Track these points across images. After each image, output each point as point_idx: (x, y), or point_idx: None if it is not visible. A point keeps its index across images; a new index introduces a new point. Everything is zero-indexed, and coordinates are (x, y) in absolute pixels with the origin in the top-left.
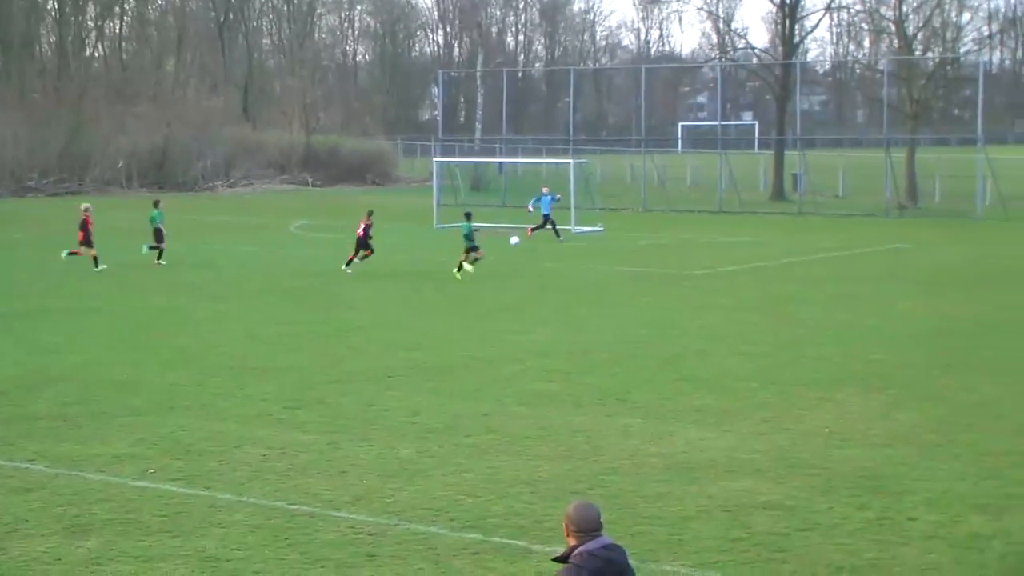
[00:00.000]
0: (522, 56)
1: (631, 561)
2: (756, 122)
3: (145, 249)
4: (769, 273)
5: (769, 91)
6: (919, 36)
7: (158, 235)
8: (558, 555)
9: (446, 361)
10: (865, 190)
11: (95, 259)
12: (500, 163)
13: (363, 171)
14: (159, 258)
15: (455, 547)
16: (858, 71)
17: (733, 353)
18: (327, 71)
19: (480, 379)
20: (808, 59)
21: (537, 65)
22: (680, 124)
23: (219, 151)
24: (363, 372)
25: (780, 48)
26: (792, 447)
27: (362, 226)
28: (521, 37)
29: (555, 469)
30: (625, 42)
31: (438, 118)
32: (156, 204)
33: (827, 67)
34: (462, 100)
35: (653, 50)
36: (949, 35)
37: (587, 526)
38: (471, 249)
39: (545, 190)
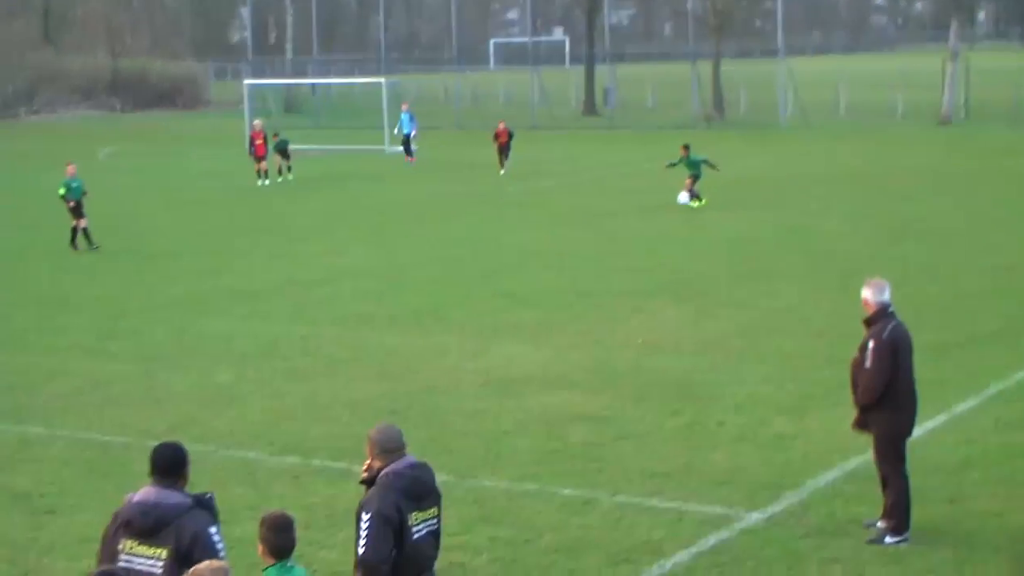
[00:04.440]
0: None
1: (439, 478)
2: (567, 37)
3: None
4: (582, 188)
5: (578, 6)
6: None
7: (284, 153)
8: (365, 478)
9: (260, 285)
10: (674, 103)
11: (265, 173)
12: (313, 84)
13: (173, 95)
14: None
15: (275, 471)
16: None
17: (548, 268)
18: None
19: (295, 302)
20: None
21: None
22: (492, 41)
23: (20, 77)
24: (176, 299)
25: None
26: (606, 358)
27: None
28: None
29: (373, 390)
30: None
31: (248, 39)
32: (276, 135)
33: None
34: (272, 20)
35: None
36: None
37: (391, 446)
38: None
39: (404, 107)
